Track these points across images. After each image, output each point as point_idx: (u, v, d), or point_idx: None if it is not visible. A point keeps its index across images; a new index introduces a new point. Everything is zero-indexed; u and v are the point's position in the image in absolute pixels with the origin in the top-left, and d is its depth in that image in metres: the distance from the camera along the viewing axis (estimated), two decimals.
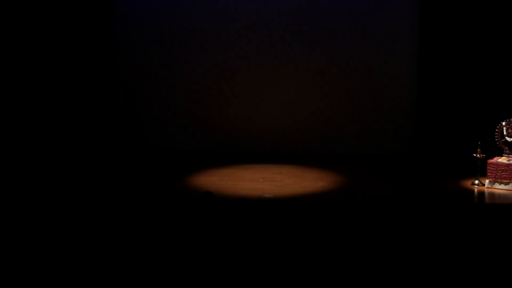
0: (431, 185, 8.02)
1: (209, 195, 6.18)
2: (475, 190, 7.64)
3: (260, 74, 10.22)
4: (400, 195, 7.73)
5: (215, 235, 5.71)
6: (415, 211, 6.68)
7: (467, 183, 7.87)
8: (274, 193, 7.47)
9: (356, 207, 6.71)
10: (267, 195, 7.36)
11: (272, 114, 10.24)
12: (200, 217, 5.93)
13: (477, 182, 7.76)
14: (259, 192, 7.49)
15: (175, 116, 10.29)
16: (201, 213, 5.97)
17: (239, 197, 6.78)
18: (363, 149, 10.11)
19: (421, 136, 9.94)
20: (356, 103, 10.17)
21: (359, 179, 8.39)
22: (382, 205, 6.80)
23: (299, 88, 10.21)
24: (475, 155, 7.73)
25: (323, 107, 10.20)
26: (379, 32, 10.05)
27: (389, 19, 10.05)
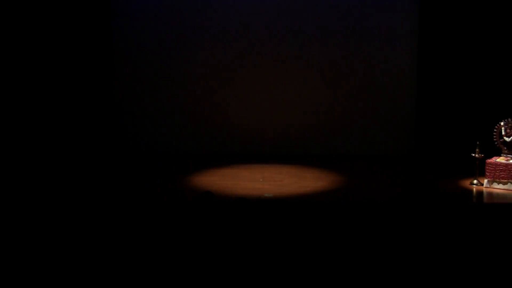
0: (430, 184, 8.05)
1: (209, 195, 6.19)
2: (474, 189, 7.67)
3: (260, 74, 10.23)
4: (399, 195, 7.73)
5: (215, 234, 5.72)
6: (414, 211, 6.70)
7: (466, 183, 7.89)
8: (274, 193, 7.50)
9: (355, 207, 6.73)
10: (267, 195, 7.38)
11: (272, 114, 10.26)
12: (200, 217, 5.94)
13: (475, 181, 7.78)
14: (259, 192, 7.52)
15: (175, 116, 10.31)
16: (201, 213, 5.97)
17: (239, 197, 6.80)
18: (363, 149, 10.13)
19: (420, 136, 9.95)
20: (356, 104, 10.19)
21: (359, 179, 8.41)
22: (381, 204, 6.83)
23: (299, 88, 10.23)
24: (473, 155, 7.75)
25: (323, 107, 10.23)
26: (379, 32, 10.07)
27: (389, 19, 10.06)
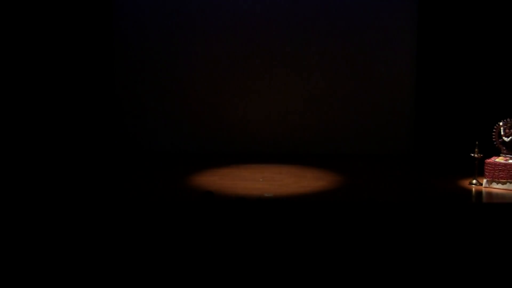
0: (430, 184, 8.06)
1: (209, 194, 6.20)
2: (473, 189, 7.69)
3: (259, 74, 10.26)
4: (398, 195, 7.76)
5: (215, 234, 5.73)
6: (414, 210, 6.71)
7: (465, 183, 7.91)
8: (274, 193, 7.52)
9: (355, 207, 6.74)
10: (267, 195, 7.40)
11: (272, 114, 10.28)
12: (201, 217, 5.95)
13: (474, 181, 7.80)
14: (259, 191, 7.54)
15: (175, 116, 10.34)
16: (202, 212, 5.99)
17: (239, 197, 6.81)
18: (362, 149, 10.15)
19: (419, 136, 9.98)
20: (355, 104, 10.21)
21: (359, 179, 8.44)
22: (381, 204, 6.84)
23: (299, 89, 10.25)
24: (473, 155, 7.77)
25: (323, 108, 10.25)
26: (378, 33, 10.10)
27: (389, 20, 10.10)
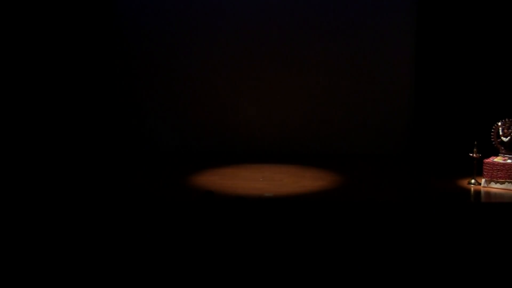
0: (428, 184, 8.10)
1: (210, 194, 6.22)
2: (472, 189, 7.71)
3: (259, 74, 10.27)
4: (397, 195, 7.79)
5: (215, 234, 5.75)
6: (413, 210, 6.73)
7: (464, 183, 7.94)
8: (274, 192, 7.55)
9: (354, 206, 6.76)
10: (267, 194, 7.42)
11: (271, 114, 10.30)
12: (201, 216, 5.97)
13: (473, 181, 7.83)
14: (259, 191, 7.56)
15: (175, 116, 10.36)
16: (202, 212, 6.00)
17: (238, 196, 6.83)
18: (361, 149, 10.17)
19: (418, 136, 10.00)
20: (354, 104, 10.23)
21: (358, 179, 8.46)
22: (380, 204, 6.87)
23: (298, 89, 10.27)
24: (471, 155, 7.80)
25: (321, 108, 10.27)
26: (376, 33, 10.12)
27: (387, 20, 10.11)
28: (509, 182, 7.59)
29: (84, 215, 6.53)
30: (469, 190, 7.69)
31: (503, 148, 7.78)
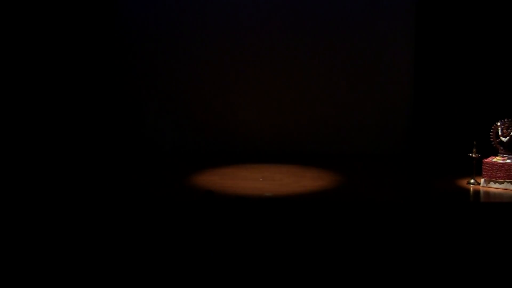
0: (428, 184, 8.11)
1: (210, 194, 6.23)
2: (471, 189, 7.73)
3: (259, 75, 10.28)
4: (397, 194, 7.81)
5: (216, 233, 5.76)
6: (412, 210, 6.75)
7: (463, 182, 7.95)
8: (273, 192, 7.56)
9: (354, 206, 6.78)
10: (267, 194, 7.44)
11: (271, 114, 10.30)
12: (201, 216, 5.98)
13: (472, 181, 7.84)
14: (259, 191, 7.57)
15: (175, 116, 10.36)
16: (202, 212, 6.01)
17: (238, 196, 6.84)
18: (361, 149, 10.17)
19: (417, 136, 10.00)
20: (354, 104, 10.23)
21: (357, 179, 8.47)
22: (379, 203, 6.88)
23: (297, 89, 10.27)
24: (470, 155, 7.81)
25: (321, 108, 10.27)
26: (376, 33, 10.12)
27: (386, 20, 10.11)
28: (508, 182, 7.60)
29: (84, 215, 6.54)
30: (469, 190, 7.70)
31: (502, 148, 7.79)
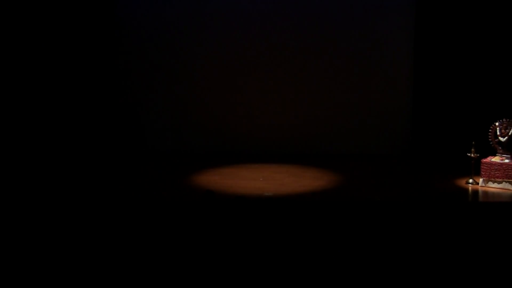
0: (427, 184, 8.12)
1: (210, 194, 6.24)
2: (470, 188, 7.76)
3: (259, 75, 10.27)
4: (396, 194, 7.82)
5: (216, 233, 5.78)
6: (411, 210, 6.76)
7: (462, 182, 7.98)
8: (273, 192, 7.58)
9: (354, 206, 6.79)
10: (267, 194, 7.45)
11: (271, 114, 10.30)
12: (201, 216, 6.00)
13: (471, 181, 7.87)
14: (259, 191, 7.59)
15: (175, 116, 10.35)
16: (202, 211, 6.03)
17: (238, 196, 6.85)
18: (361, 149, 10.17)
19: (417, 136, 9.99)
20: (354, 104, 10.23)
21: (357, 179, 8.48)
22: (378, 203, 6.90)
23: (297, 89, 10.27)
24: (469, 154, 7.83)
25: (321, 108, 10.27)
26: (376, 33, 10.12)
27: (386, 20, 10.11)
28: (506, 181, 7.62)
29: (84, 215, 6.55)
30: (467, 189, 7.74)
31: (500, 148, 7.81)
